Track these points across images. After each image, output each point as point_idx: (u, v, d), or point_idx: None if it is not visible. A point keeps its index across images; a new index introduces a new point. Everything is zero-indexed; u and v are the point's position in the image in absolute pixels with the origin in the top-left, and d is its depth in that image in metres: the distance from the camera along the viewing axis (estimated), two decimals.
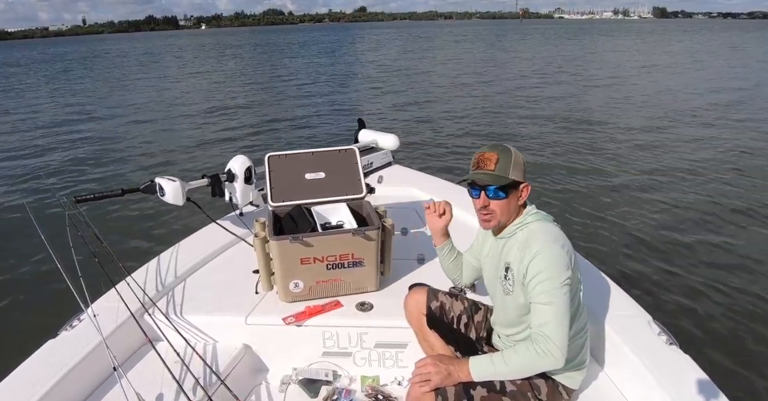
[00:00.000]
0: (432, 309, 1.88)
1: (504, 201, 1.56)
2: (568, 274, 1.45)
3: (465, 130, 9.40)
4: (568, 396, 1.65)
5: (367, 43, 44.41)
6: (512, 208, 1.59)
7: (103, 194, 2.46)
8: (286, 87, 16.40)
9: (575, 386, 1.65)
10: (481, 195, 1.57)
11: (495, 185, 1.54)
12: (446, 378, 1.48)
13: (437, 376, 1.48)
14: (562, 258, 1.46)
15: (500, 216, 1.59)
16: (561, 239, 1.53)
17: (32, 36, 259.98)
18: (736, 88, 13.65)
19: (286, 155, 2.43)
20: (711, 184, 6.08)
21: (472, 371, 1.47)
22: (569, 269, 1.47)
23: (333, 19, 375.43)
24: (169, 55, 37.23)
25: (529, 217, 1.59)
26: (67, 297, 1.84)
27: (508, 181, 1.53)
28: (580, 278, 1.61)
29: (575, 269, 1.53)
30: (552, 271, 1.44)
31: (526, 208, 1.63)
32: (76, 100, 15.04)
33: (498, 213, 1.58)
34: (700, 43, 36.69)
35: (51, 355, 1.78)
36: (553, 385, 1.61)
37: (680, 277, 3.97)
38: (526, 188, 1.60)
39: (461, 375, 1.48)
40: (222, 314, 2.11)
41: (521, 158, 1.58)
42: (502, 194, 1.55)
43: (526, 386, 1.57)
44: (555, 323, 1.41)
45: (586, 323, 1.67)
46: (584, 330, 1.65)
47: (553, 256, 1.46)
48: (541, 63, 22.28)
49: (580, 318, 1.63)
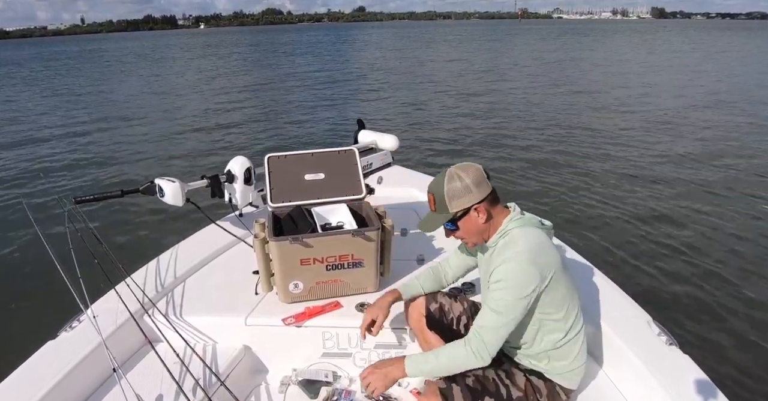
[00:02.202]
0: (431, 311, 1.88)
1: (460, 230, 1.61)
2: (529, 290, 1.47)
3: (465, 130, 9.40)
4: (567, 396, 1.66)
5: (366, 44, 44.43)
6: (477, 229, 1.60)
7: (103, 195, 2.46)
8: (285, 87, 16.40)
9: (573, 386, 1.66)
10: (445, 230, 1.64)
11: (442, 223, 1.60)
12: (385, 378, 1.56)
13: (378, 382, 1.56)
14: (529, 273, 1.47)
15: (471, 238, 1.64)
16: (537, 249, 1.51)
17: (31, 35, 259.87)
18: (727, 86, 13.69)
19: (286, 155, 2.43)
20: (711, 185, 6.09)
21: (407, 368, 1.55)
22: (532, 285, 1.47)
23: (332, 18, 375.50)
24: (169, 55, 37.20)
25: (510, 224, 1.59)
26: (67, 298, 1.84)
27: (449, 216, 1.57)
28: (573, 283, 1.61)
29: (560, 276, 1.53)
30: (512, 283, 1.47)
31: (509, 214, 1.61)
32: (75, 100, 15.02)
33: (467, 237, 1.64)
34: (695, 42, 36.76)
35: (51, 356, 1.78)
36: (551, 386, 1.63)
37: (680, 277, 3.97)
38: (478, 209, 1.56)
39: (397, 373, 1.56)
40: (222, 315, 2.11)
41: (460, 184, 1.54)
42: (452, 227, 1.61)
43: (529, 390, 1.60)
44: (494, 331, 1.48)
45: (582, 326, 1.66)
46: (579, 333, 1.64)
47: (518, 269, 1.47)
48: (542, 63, 22.30)
49: (575, 322, 1.62)
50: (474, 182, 1.55)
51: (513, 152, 7.83)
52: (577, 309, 1.64)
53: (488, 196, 1.57)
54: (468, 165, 1.59)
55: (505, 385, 1.59)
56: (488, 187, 1.58)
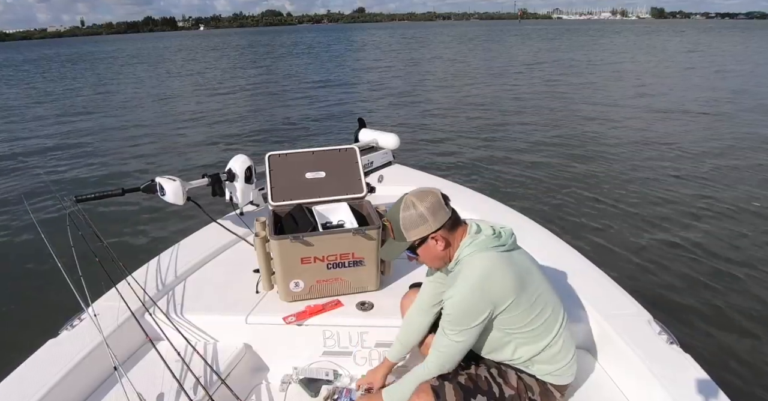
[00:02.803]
0: None
1: (420, 257, 1.62)
2: (478, 320, 1.50)
3: (465, 129, 9.40)
4: (561, 393, 1.66)
5: (366, 44, 44.41)
6: (437, 255, 1.60)
7: (104, 194, 2.46)
8: (285, 87, 16.40)
9: (563, 382, 1.65)
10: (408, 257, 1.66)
11: (401, 251, 1.61)
12: None
13: None
14: (475, 306, 1.50)
15: (432, 263, 1.66)
16: (487, 278, 1.49)
17: (31, 37, 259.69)
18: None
19: (287, 154, 2.43)
20: (711, 184, 6.09)
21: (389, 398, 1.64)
22: (482, 315, 1.50)
23: (331, 20, 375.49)
24: (169, 56, 37.20)
25: (464, 251, 1.56)
26: (68, 297, 1.84)
27: (407, 244, 1.58)
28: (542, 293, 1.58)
29: (521, 294, 1.51)
30: (460, 315, 1.51)
31: (464, 237, 1.58)
32: (75, 99, 15.03)
33: (428, 262, 1.66)
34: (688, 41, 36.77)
35: (52, 354, 1.78)
36: (543, 384, 1.63)
37: (681, 276, 3.97)
38: (435, 237, 1.55)
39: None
40: (222, 313, 2.11)
41: (415, 213, 1.53)
42: (413, 253, 1.62)
43: (521, 388, 1.60)
44: (450, 355, 1.58)
45: (559, 327, 1.61)
46: (556, 336, 1.60)
47: (464, 303, 1.50)
48: (542, 62, 22.29)
49: (548, 328, 1.58)
50: (429, 209, 1.53)
51: (514, 150, 7.82)
52: (548, 315, 1.58)
53: (447, 222, 1.55)
54: (425, 192, 1.56)
55: (497, 383, 1.59)
56: (446, 213, 1.55)
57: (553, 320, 1.60)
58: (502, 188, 5.95)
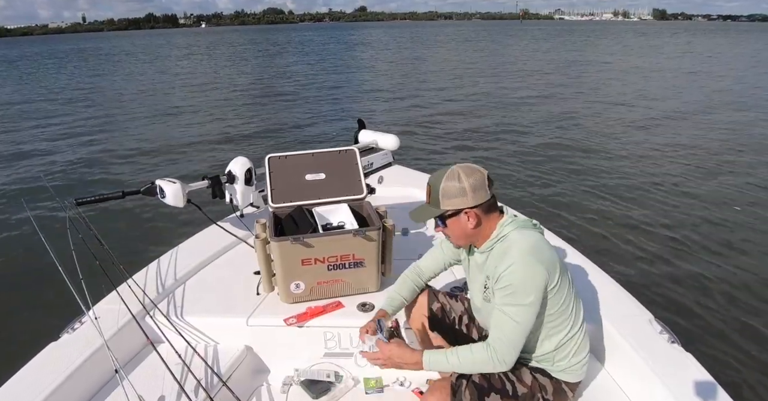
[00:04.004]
0: (433, 311, 1.88)
1: (448, 229, 1.60)
2: (541, 290, 1.46)
3: (465, 129, 9.40)
4: (572, 392, 1.66)
5: (366, 44, 44.44)
6: (465, 233, 1.58)
7: (104, 197, 2.46)
8: (285, 87, 16.40)
9: (576, 379, 1.65)
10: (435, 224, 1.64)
11: (431, 217, 1.59)
12: (398, 368, 1.62)
13: (389, 367, 1.63)
14: (537, 274, 1.46)
15: (456, 240, 1.65)
16: (539, 249, 1.51)
17: (32, 33, 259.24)
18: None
19: (287, 156, 2.43)
20: (711, 183, 6.08)
21: (425, 366, 1.56)
22: (542, 287, 1.46)
23: (333, 18, 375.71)
24: (169, 54, 37.20)
25: (505, 228, 1.56)
26: (69, 300, 1.84)
27: (439, 212, 1.56)
28: (570, 279, 1.60)
29: (562, 274, 1.53)
30: (522, 287, 1.46)
31: (502, 219, 1.59)
32: (75, 100, 15.03)
33: (453, 238, 1.64)
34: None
35: (53, 358, 1.78)
36: (557, 383, 1.62)
37: (682, 276, 3.96)
38: (469, 214, 1.54)
39: (414, 368, 1.59)
40: (223, 315, 2.11)
41: (457, 185, 1.52)
42: (441, 223, 1.60)
43: (535, 387, 1.60)
44: (513, 339, 1.48)
45: (582, 320, 1.64)
46: (579, 328, 1.62)
47: (526, 271, 1.46)
48: (541, 63, 22.30)
49: (576, 318, 1.61)
50: (472, 186, 1.52)
51: (513, 150, 7.82)
52: (577, 305, 1.63)
53: (484, 203, 1.54)
54: (473, 168, 1.56)
55: (510, 381, 1.58)
56: (486, 195, 1.55)
57: (578, 310, 1.63)
58: (501, 187, 5.95)
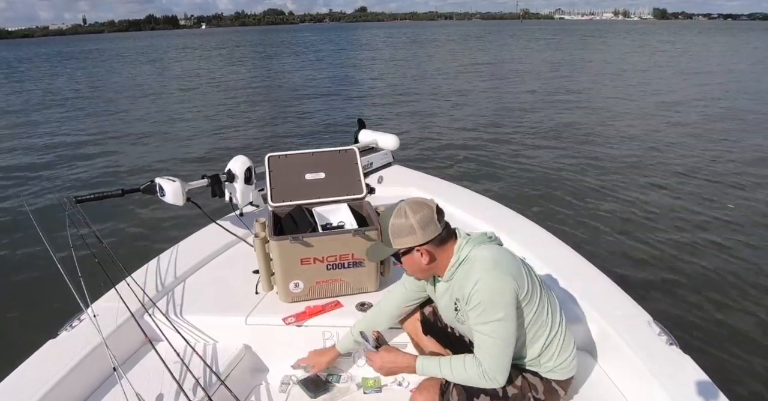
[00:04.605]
0: (426, 315, 1.89)
1: (405, 264, 1.63)
2: (512, 302, 1.45)
3: (465, 130, 9.39)
4: (563, 389, 1.66)
5: (367, 44, 44.43)
6: (419, 268, 1.59)
7: (104, 195, 2.46)
8: (286, 87, 16.40)
9: (566, 376, 1.65)
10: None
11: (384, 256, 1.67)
12: (392, 373, 1.70)
13: (384, 373, 1.69)
14: (506, 286, 1.45)
15: (414, 274, 1.67)
16: (502, 260, 1.50)
17: (32, 35, 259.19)
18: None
19: (286, 155, 2.44)
20: (711, 185, 6.08)
21: (418, 371, 1.61)
22: (513, 298, 1.45)
23: (333, 19, 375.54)
24: (170, 55, 37.20)
25: (463, 251, 1.55)
26: (67, 297, 1.84)
27: (392, 251, 1.58)
28: (539, 280, 1.60)
29: (531, 279, 1.53)
30: (492, 303, 1.44)
31: (456, 243, 1.57)
32: (75, 99, 15.03)
33: (410, 272, 1.67)
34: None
35: (51, 355, 1.78)
36: (547, 383, 1.63)
37: (681, 277, 3.96)
38: (421, 250, 1.53)
39: (407, 372, 1.65)
40: (222, 314, 2.11)
41: (405, 222, 1.51)
42: (397, 260, 1.66)
43: (525, 387, 1.60)
44: (497, 356, 1.47)
45: (560, 321, 1.63)
46: (559, 330, 1.62)
47: (494, 286, 1.45)
48: (542, 62, 22.30)
49: (549, 321, 1.60)
50: (420, 223, 1.50)
51: (513, 151, 7.82)
52: (552, 304, 1.62)
53: (435, 238, 1.52)
54: (420, 204, 1.53)
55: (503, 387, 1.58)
56: (437, 229, 1.52)
57: (553, 310, 1.62)
58: (501, 188, 5.95)
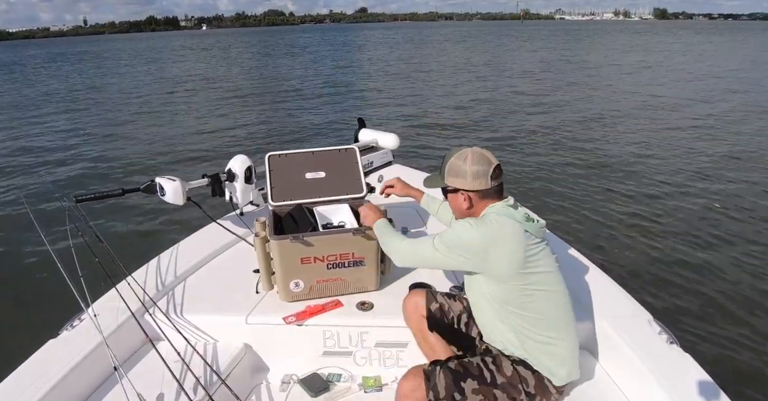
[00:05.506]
0: (432, 311, 1.88)
1: (448, 200, 1.74)
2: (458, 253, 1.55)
3: (465, 129, 9.40)
4: (558, 393, 1.65)
5: (367, 44, 44.42)
6: (458, 208, 1.70)
7: (104, 194, 2.45)
8: (286, 87, 16.40)
9: (560, 383, 1.64)
10: None
11: (435, 186, 1.77)
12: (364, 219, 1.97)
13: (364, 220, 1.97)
14: (471, 241, 1.54)
15: (452, 211, 1.79)
16: (495, 230, 1.54)
17: (33, 36, 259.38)
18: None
19: (287, 154, 2.43)
20: (711, 185, 6.08)
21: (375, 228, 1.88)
22: (464, 251, 1.55)
23: (334, 19, 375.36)
24: (170, 56, 37.21)
25: (489, 209, 1.63)
26: (68, 297, 1.84)
27: (442, 184, 1.71)
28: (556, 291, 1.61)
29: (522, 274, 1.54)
30: (452, 239, 1.58)
31: (497, 203, 1.63)
32: (75, 99, 15.04)
33: (450, 208, 1.79)
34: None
35: (52, 355, 1.78)
36: (539, 377, 1.62)
37: (681, 276, 3.96)
38: (463, 195, 1.65)
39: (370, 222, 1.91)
40: (222, 313, 2.11)
41: (461, 165, 1.62)
42: (444, 195, 1.76)
43: (515, 378, 1.60)
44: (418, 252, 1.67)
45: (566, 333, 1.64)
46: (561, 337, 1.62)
47: (462, 229, 1.57)
48: (542, 63, 22.30)
49: (557, 325, 1.61)
50: (473, 172, 1.60)
51: (514, 150, 7.83)
52: (554, 314, 1.61)
53: (480, 191, 1.62)
54: (483, 157, 1.62)
55: (489, 370, 1.60)
56: (486, 184, 1.61)
57: (560, 320, 1.62)
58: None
